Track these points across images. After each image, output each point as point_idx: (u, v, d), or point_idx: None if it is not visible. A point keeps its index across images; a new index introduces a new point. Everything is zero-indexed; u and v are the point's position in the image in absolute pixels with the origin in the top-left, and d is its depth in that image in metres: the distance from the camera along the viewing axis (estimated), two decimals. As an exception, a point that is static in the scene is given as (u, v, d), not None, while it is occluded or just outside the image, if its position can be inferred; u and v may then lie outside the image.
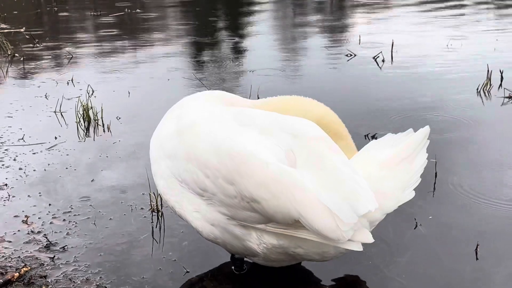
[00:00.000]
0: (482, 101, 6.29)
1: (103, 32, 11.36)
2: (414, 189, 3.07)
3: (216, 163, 2.88)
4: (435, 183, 4.45)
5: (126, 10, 12.89)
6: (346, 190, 2.78)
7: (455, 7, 12.53)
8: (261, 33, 10.90)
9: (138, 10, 13.03)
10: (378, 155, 3.07)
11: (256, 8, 13.58)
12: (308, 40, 10.15)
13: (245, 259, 3.38)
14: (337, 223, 2.71)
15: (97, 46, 9.95)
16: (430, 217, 3.98)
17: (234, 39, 10.26)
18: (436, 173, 4.52)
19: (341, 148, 3.14)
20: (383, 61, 7.97)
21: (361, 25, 11.26)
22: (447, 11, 11.99)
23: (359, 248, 2.81)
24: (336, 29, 10.96)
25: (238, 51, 9.27)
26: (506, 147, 5.09)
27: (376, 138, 5.21)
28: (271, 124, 3.03)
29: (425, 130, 3.13)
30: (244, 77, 7.56)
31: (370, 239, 2.84)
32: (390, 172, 3.00)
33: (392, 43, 8.36)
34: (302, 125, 3.06)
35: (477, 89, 6.53)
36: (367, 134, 5.37)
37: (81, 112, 5.99)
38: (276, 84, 7.16)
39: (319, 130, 3.06)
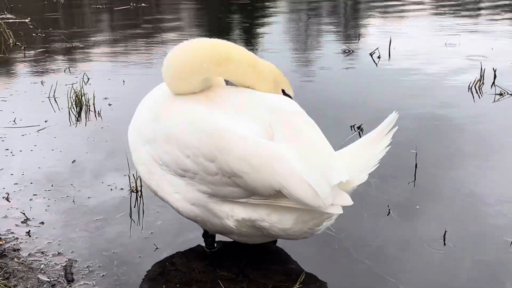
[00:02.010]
0: (473, 98, 6.30)
1: (105, 24, 11.47)
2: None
3: (195, 142, 2.96)
4: (415, 173, 4.48)
5: (132, 4, 12.97)
6: (321, 162, 2.89)
7: (469, 10, 12.50)
8: (270, 30, 10.94)
9: (143, 4, 13.11)
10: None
11: (270, 6, 13.64)
12: (312, 38, 10.17)
13: (217, 238, 3.44)
14: (316, 191, 2.81)
15: (98, 37, 10.04)
16: (407, 205, 4.01)
17: (242, 34, 10.31)
18: (416, 164, 4.55)
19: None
20: (378, 57, 7.99)
21: (367, 25, 11.28)
22: (458, 14, 11.96)
23: (340, 210, 2.90)
24: (340, 28, 10.99)
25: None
26: (489, 141, 5.12)
27: (361, 129, 5.27)
28: (246, 101, 3.11)
29: (392, 116, 3.20)
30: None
31: (349, 201, 2.93)
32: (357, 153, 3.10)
33: (390, 40, 8.38)
34: (279, 101, 3.15)
35: (469, 85, 6.54)
36: (353, 125, 5.41)
37: (74, 98, 6.06)
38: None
39: (295, 105, 3.17)
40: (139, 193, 4.14)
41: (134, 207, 4.02)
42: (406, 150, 4.85)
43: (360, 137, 5.12)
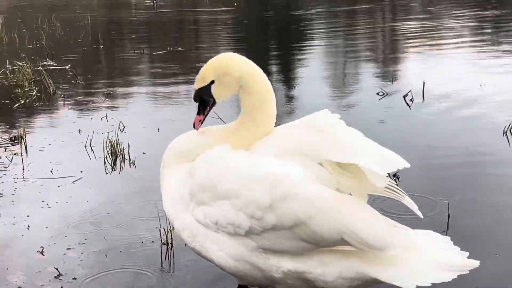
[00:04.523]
0: (508, 142, 6.21)
1: (143, 69, 11.71)
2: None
3: (248, 192, 2.92)
4: (448, 224, 4.43)
5: (168, 48, 13.22)
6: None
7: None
8: (301, 65, 11.03)
9: (180, 48, 13.35)
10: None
11: (308, 41, 13.75)
12: (347, 81, 10.20)
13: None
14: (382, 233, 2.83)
15: (135, 83, 10.24)
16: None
17: (281, 78, 10.40)
18: (449, 214, 4.51)
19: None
20: (411, 100, 7.94)
21: (402, 65, 11.27)
22: (497, 53, 11.82)
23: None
24: (375, 69, 10.99)
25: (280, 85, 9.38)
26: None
27: (397, 177, 5.23)
28: (290, 140, 3.13)
29: (473, 264, 2.97)
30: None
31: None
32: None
33: (424, 82, 8.34)
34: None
35: (504, 129, 6.45)
36: (389, 173, 5.35)
37: (109, 147, 6.19)
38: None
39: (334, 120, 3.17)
40: (170, 245, 4.19)
41: (165, 260, 4.07)
42: (439, 198, 4.83)
43: (396, 184, 5.11)
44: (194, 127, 3.26)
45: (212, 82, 3.23)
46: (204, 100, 3.26)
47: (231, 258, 3.09)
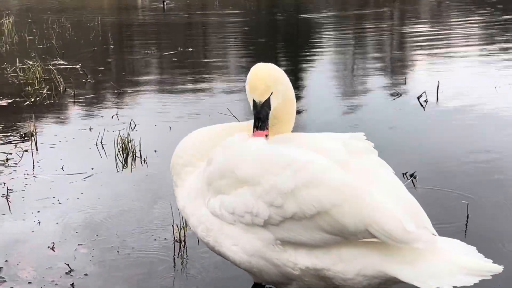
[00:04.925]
0: (526, 144, 6.12)
1: (154, 69, 11.66)
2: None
3: (269, 176, 2.81)
4: (466, 224, 4.34)
5: (179, 48, 13.16)
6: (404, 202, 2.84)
7: None
8: (313, 67, 10.95)
9: (190, 49, 13.29)
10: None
11: (316, 45, 13.69)
12: (358, 81, 10.11)
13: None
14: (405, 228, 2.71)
15: (146, 82, 10.18)
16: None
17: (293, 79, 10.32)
18: (468, 215, 4.42)
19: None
20: (425, 101, 7.84)
21: (414, 66, 11.18)
22: (509, 55, 11.72)
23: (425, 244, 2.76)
24: (387, 70, 10.91)
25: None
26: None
27: (414, 177, 5.14)
28: (316, 140, 3.07)
29: (497, 269, 2.83)
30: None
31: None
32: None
33: (438, 84, 8.23)
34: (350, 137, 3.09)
35: (521, 131, 6.37)
36: (405, 173, 5.27)
37: (120, 145, 6.11)
38: (317, 119, 7.16)
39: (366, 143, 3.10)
40: (183, 243, 4.11)
41: (178, 257, 3.99)
42: (458, 199, 4.73)
43: (413, 185, 5.04)
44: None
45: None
46: (264, 113, 3.07)
47: (245, 253, 2.98)
